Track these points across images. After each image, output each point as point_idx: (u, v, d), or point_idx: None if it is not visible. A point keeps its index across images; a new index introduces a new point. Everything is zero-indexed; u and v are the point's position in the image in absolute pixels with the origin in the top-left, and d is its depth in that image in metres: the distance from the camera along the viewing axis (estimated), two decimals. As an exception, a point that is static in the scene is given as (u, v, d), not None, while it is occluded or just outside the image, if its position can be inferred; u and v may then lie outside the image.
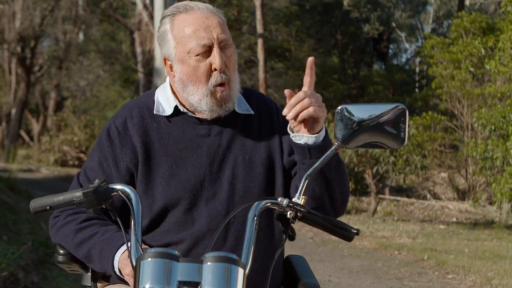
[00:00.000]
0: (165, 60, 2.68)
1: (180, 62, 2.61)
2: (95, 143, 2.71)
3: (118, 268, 2.44)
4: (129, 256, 2.15)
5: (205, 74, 2.56)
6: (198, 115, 2.67)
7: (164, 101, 2.71)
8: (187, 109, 2.67)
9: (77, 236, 2.56)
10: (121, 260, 2.42)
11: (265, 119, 2.75)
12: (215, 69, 2.55)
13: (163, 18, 2.65)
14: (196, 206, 2.58)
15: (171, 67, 2.66)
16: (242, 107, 2.73)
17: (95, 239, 2.52)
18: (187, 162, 2.63)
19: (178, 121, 2.68)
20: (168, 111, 2.68)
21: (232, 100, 2.62)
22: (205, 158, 2.63)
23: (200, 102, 2.60)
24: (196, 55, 2.55)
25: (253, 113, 2.74)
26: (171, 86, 2.72)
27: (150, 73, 23.50)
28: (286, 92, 2.48)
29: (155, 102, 2.71)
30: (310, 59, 2.46)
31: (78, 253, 2.58)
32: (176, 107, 2.68)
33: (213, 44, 2.54)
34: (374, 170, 16.56)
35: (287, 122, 2.72)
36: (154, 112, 2.68)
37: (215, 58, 2.54)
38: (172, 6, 2.65)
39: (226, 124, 2.68)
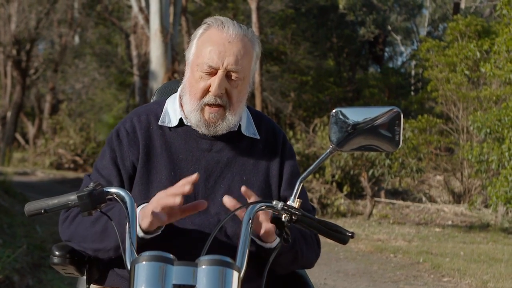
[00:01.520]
0: (186, 61, 2.73)
1: (190, 69, 2.65)
2: (104, 146, 2.75)
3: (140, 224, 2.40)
4: (124, 260, 2.15)
5: (201, 90, 2.59)
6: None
7: (172, 112, 2.75)
8: (191, 122, 2.71)
9: (94, 215, 2.54)
10: (139, 215, 2.38)
11: (270, 146, 2.78)
12: (211, 91, 2.58)
13: (203, 22, 2.68)
14: (188, 216, 2.58)
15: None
16: (250, 130, 2.76)
17: (113, 210, 2.48)
18: (185, 173, 2.63)
19: (181, 133, 2.72)
20: (174, 122, 2.72)
21: (222, 126, 2.64)
22: (203, 172, 2.65)
23: (190, 113, 2.64)
24: (202, 71, 2.58)
25: (259, 138, 2.77)
26: (180, 96, 2.76)
27: (146, 76, 23.51)
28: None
29: (163, 111, 2.76)
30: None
31: (95, 228, 2.54)
32: (181, 119, 2.72)
33: (219, 68, 2.56)
34: (370, 173, 16.58)
35: (292, 154, 2.81)
36: (159, 123, 2.72)
37: (215, 82, 2.56)
38: (215, 17, 2.67)
39: (230, 142, 2.71)
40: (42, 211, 2.30)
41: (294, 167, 2.79)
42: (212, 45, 2.58)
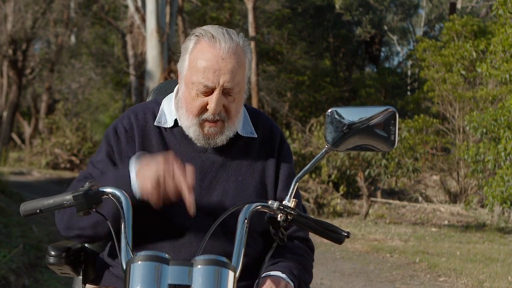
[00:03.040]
0: (178, 71, 2.71)
1: (185, 84, 2.63)
2: (101, 142, 2.75)
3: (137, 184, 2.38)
4: (120, 260, 2.15)
5: (198, 108, 2.58)
6: None
7: (168, 112, 2.75)
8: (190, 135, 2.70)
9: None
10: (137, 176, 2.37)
11: (267, 146, 2.77)
12: (209, 110, 2.57)
13: (192, 34, 2.64)
14: (183, 216, 2.58)
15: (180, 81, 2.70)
16: (247, 129, 2.75)
17: (102, 179, 2.46)
18: None
19: (177, 133, 2.71)
20: (170, 123, 2.73)
21: (221, 138, 2.63)
22: (198, 173, 2.64)
23: (188, 129, 2.64)
24: (197, 90, 2.56)
25: (256, 136, 2.76)
26: (175, 103, 2.75)
27: (142, 76, 23.49)
28: None
29: (159, 111, 2.76)
30: None
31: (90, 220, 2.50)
32: (176, 120, 2.71)
33: (215, 87, 2.54)
34: (366, 173, 16.59)
35: (289, 154, 2.80)
36: (155, 124, 2.72)
37: (212, 102, 2.54)
38: (204, 27, 2.64)
39: (225, 143, 2.70)
40: (38, 211, 2.30)
41: (291, 168, 2.78)
42: (206, 63, 2.54)
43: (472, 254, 11.28)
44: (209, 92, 2.55)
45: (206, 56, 2.55)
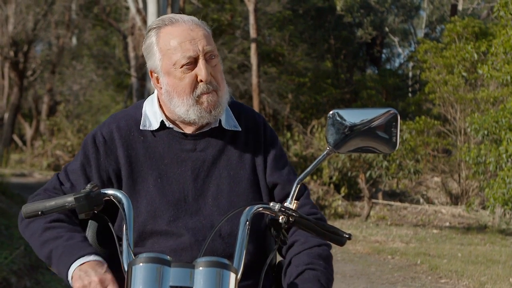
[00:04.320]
0: (151, 72, 2.68)
1: (166, 74, 2.61)
2: (80, 148, 2.71)
3: (72, 277, 2.38)
4: (121, 261, 2.15)
5: (190, 85, 2.57)
6: (184, 130, 2.68)
7: (151, 115, 2.71)
8: (173, 123, 2.69)
9: (43, 235, 2.52)
10: (75, 271, 2.36)
11: (252, 136, 2.76)
12: (201, 80, 2.56)
13: (148, 31, 2.65)
14: (180, 219, 2.57)
15: (157, 80, 2.66)
16: (230, 123, 2.74)
17: (59, 242, 2.47)
18: (172, 177, 2.64)
19: (164, 136, 2.69)
20: (155, 125, 2.69)
21: (220, 107, 2.62)
22: (190, 173, 2.64)
23: (187, 112, 2.60)
24: (182, 67, 2.55)
25: (240, 129, 2.75)
26: (158, 99, 2.73)
27: (143, 77, 23.53)
28: None
29: (143, 115, 2.72)
30: None
31: (41, 252, 2.53)
32: (162, 121, 2.69)
33: (198, 55, 2.55)
34: (368, 174, 16.57)
35: (273, 138, 2.79)
36: (141, 128, 2.69)
37: (201, 69, 2.55)
38: (157, 19, 2.66)
39: (212, 139, 2.70)
40: (40, 212, 2.30)
41: (277, 150, 2.77)
42: (179, 39, 2.56)
43: (474, 256, 11.27)
44: (193, 63, 2.56)
45: (176, 33, 2.58)
